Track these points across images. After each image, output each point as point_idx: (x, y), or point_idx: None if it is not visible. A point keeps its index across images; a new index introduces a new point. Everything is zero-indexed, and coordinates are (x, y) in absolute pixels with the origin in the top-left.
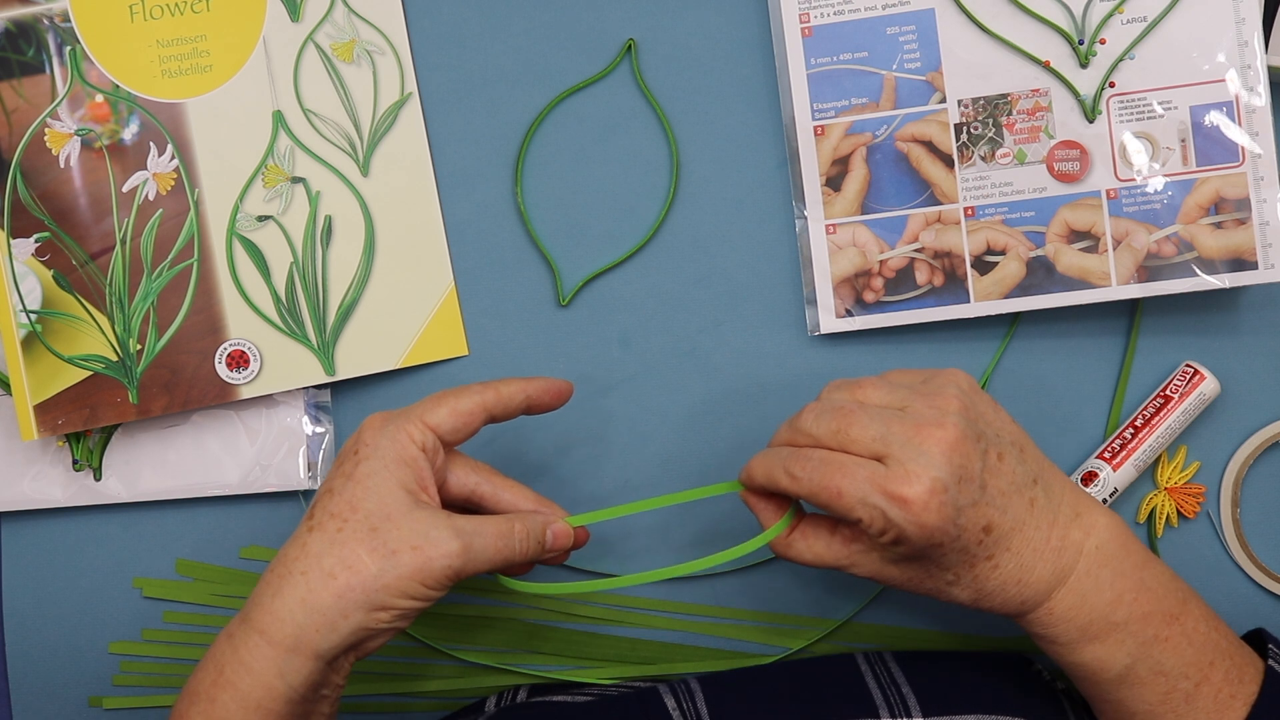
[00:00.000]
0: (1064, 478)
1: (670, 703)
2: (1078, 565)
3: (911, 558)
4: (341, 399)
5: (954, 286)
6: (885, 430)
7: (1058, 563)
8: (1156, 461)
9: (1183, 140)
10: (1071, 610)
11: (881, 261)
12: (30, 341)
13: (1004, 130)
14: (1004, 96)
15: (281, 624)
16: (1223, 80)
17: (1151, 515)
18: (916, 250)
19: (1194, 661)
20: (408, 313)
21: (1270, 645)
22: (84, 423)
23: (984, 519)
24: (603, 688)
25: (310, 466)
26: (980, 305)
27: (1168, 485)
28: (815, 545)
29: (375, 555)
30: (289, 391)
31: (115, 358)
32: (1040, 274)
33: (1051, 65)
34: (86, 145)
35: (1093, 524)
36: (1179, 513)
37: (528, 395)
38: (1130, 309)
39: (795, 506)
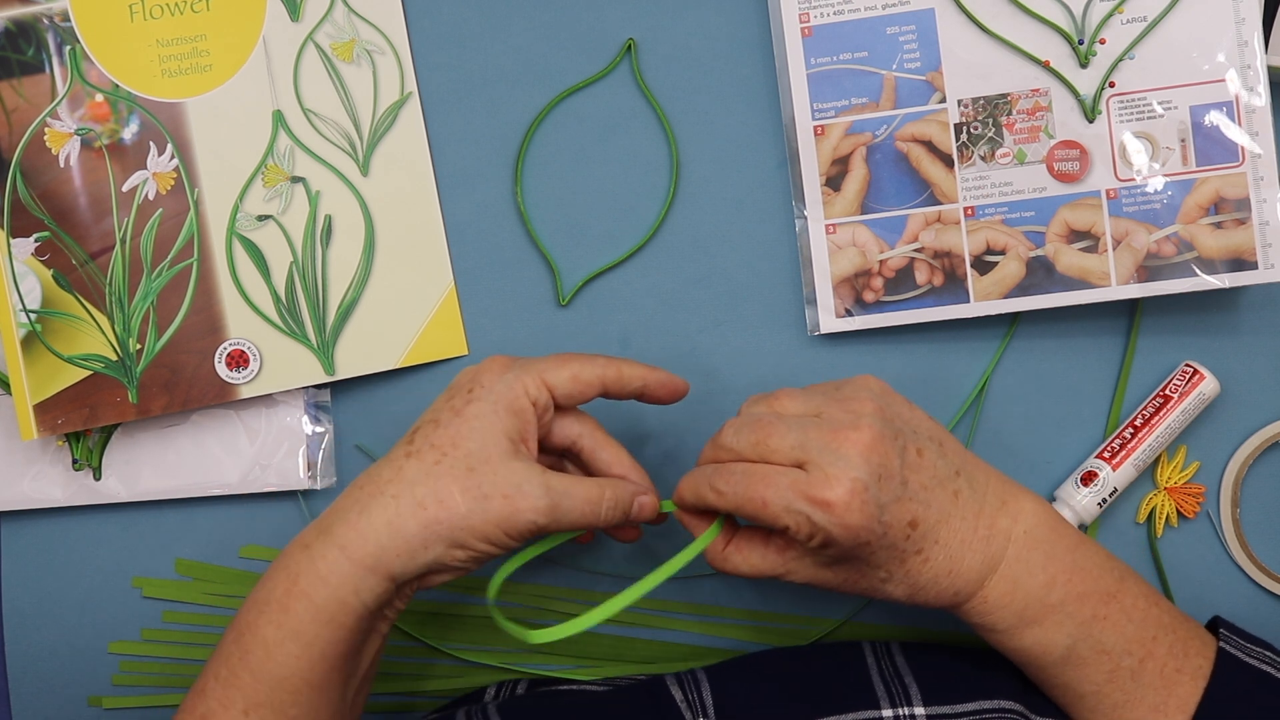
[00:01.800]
0: (987, 468)
1: (677, 694)
2: (1007, 551)
3: (842, 559)
4: (341, 399)
5: (954, 286)
6: (803, 437)
7: (987, 551)
8: (1156, 461)
9: (1183, 140)
10: (1005, 596)
11: (881, 261)
12: (30, 341)
13: (1004, 130)
14: (1004, 96)
15: (364, 542)
16: (1223, 80)
17: (1151, 515)
18: (916, 250)
19: (1136, 638)
20: (407, 312)
21: (1222, 629)
22: (84, 422)
23: (908, 514)
24: (606, 685)
25: (310, 466)
26: (980, 305)
27: (1167, 485)
28: (750, 557)
29: (467, 495)
30: (289, 391)
31: (115, 357)
32: (1040, 274)
33: (1051, 65)
34: (86, 145)
35: (1020, 510)
36: (1179, 513)
37: (645, 382)
38: (1130, 309)
39: (723, 517)
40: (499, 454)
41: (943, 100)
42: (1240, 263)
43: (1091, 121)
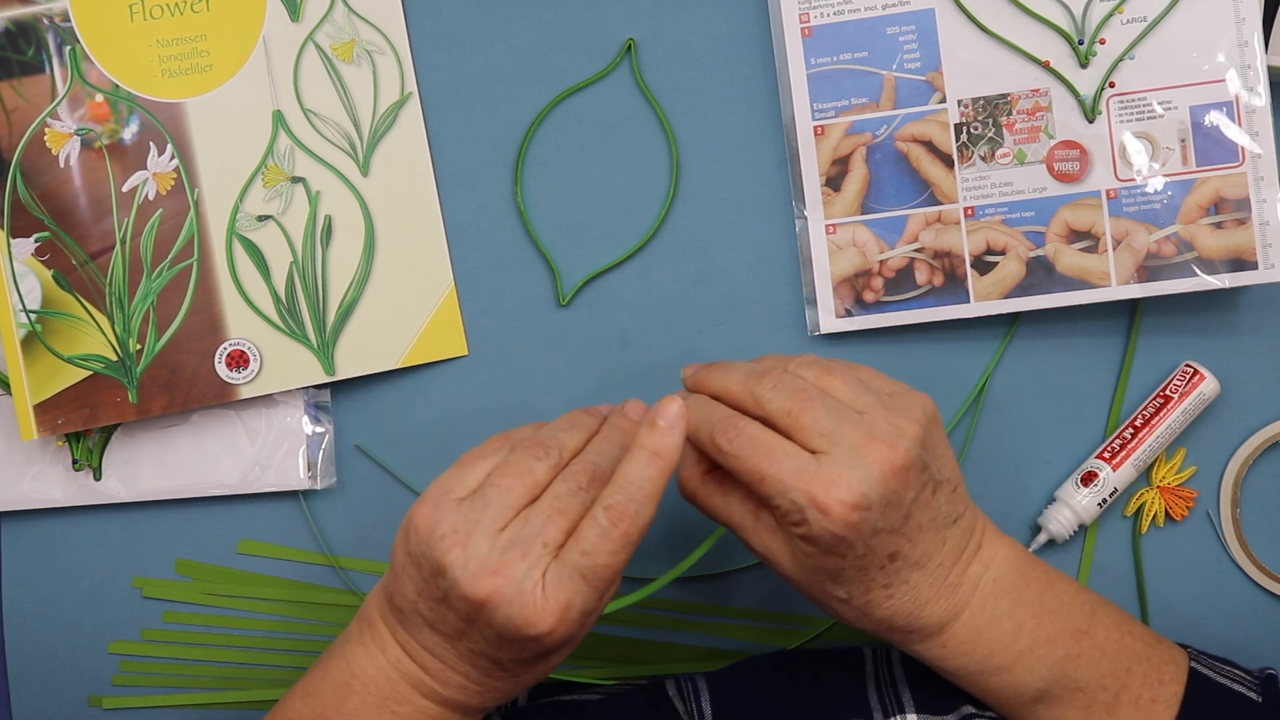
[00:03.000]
0: (982, 515)
1: (678, 704)
2: (972, 600)
3: (811, 559)
4: (341, 399)
5: (954, 286)
6: (836, 429)
7: (952, 599)
8: (1155, 461)
9: (1183, 140)
10: (967, 644)
11: (881, 261)
12: (30, 341)
13: (1004, 130)
14: (1004, 96)
15: (467, 704)
16: (1223, 80)
17: (1139, 511)
18: (916, 250)
19: (1109, 671)
20: (407, 313)
21: (1190, 651)
22: (84, 422)
23: (894, 546)
24: (607, 691)
25: (310, 466)
26: (980, 305)
27: (1160, 484)
28: (725, 500)
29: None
30: (289, 391)
31: (115, 357)
32: (1040, 274)
33: (1051, 65)
34: (86, 145)
35: (992, 557)
36: (1167, 514)
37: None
38: (1130, 309)
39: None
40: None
41: (943, 100)
42: (1240, 263)
43: (1091, 122)
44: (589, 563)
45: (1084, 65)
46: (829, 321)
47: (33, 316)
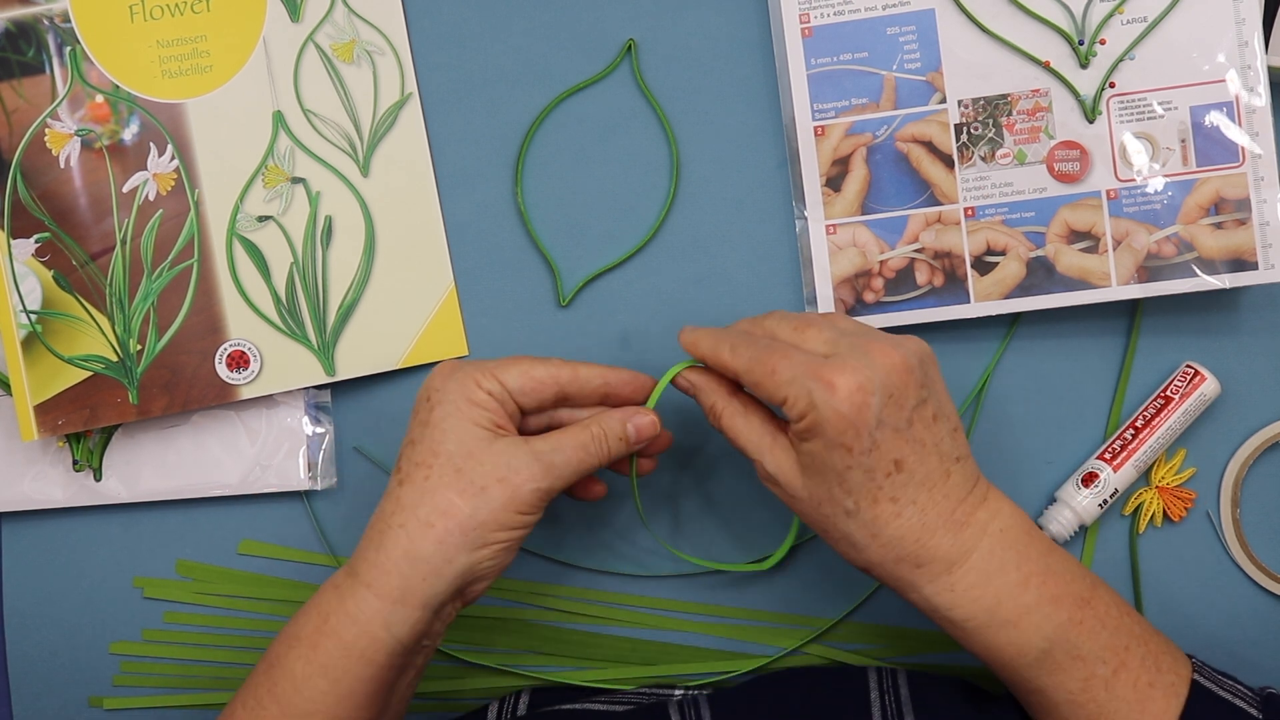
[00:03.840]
0: (979, 470)
1: None
2: (980, 544)
3: (819, 466)
4: (341, 399)
5: (954, 287)
6: (838, 337)
7: (959, 537)
8: (1155, 462)
9: (1183, 140)
10: (976, 589)
11: (881, 262)
12: (30, 342)
13: (1004, 130)
14: (1004, 97)
15: (387, 576)
16: (1223, 80)
17: (1138, 511)
18: (916, 250)
19: (1109, 645)
20: (408, 313)
21: (1194, 660)
22: (84, 423)
23: (899, 452)
24: (609, 701)
25: (310, 466)
26: (980, 305)
27: (1159, 484)
28: (744, 423)
29: (465, 495)
30: (289, 392)
31: (115, 358)
32: (1040, 274)
33: (1051, 65)
34: (86, 145)
35: (998, 509)
36: (1165, 515)
37: (606, 381)
38: (1130, 309)
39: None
40: (478, 445)
41: (943, 101)
42: (1240, 263)
43: (1092, 122)
44: (546, 447)
45: (1084, 65)
46: None
47: (33, 317)
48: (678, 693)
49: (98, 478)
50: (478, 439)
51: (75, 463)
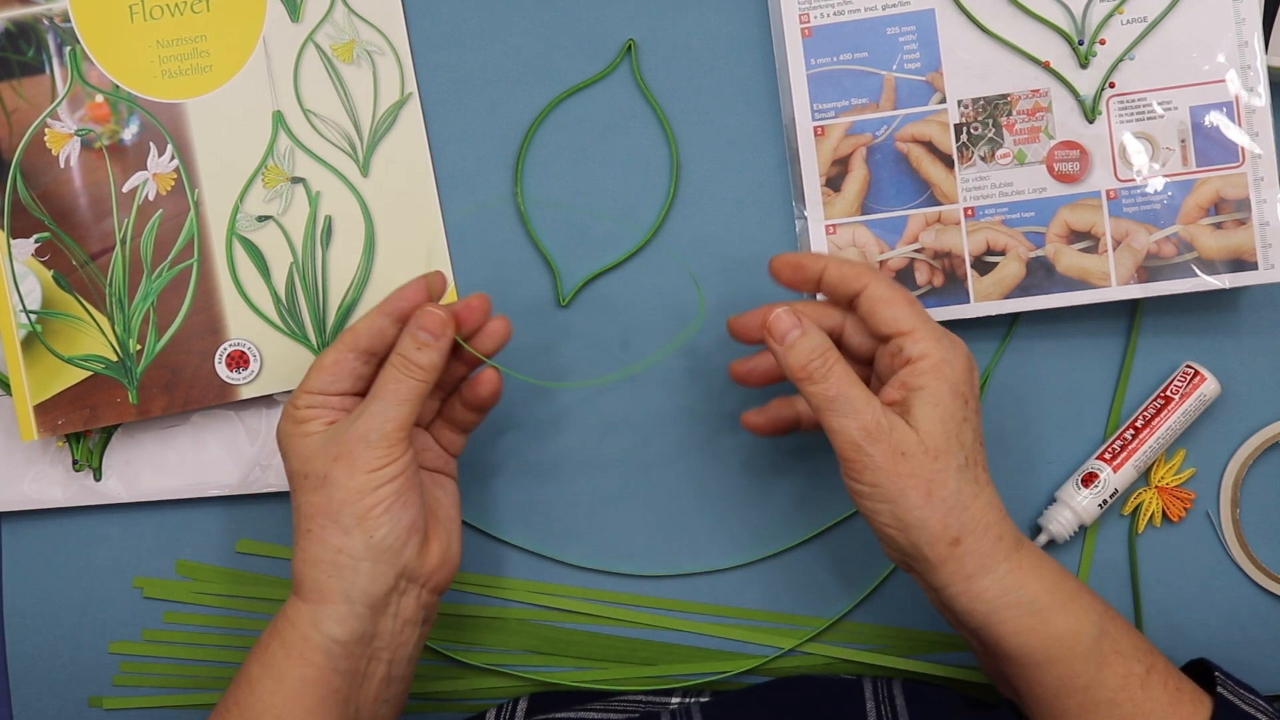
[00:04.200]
0: None
1: None
2: (1023, 539)
3: (939, 410)
4: None
5: (954, 287)
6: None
7: (1007, 525)
8: (1155, 462)
9: (1183, 140)
10: (1037, 569)
11: (881, 262)
12: (30, 342)
13: (1004, 130)
14: (1004, 97)
15: (301, 580)
16: (1223, 80)
17: (1137, 510)
18: (916, 251)
19: (1139, 645)
20: None
21: (1216, 673)
22: (84, 423)
23: (978, 422)
24: (606, 708)
25: None
26: (980, 305)
27: (1158, 484)
28: (848, 371)
29: (317, 491)
30: (289, 392)
31: (115, 358)
32: (1040, 274)
33: (1051, 65)
34: (86, 145)
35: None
36: (1164, 515)
37: (388, 314)
38: (1130, 309)
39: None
40: (308, 448)
41: (943, 101)
42: (1240, 263)
43: (1091, 122)
44: (360, 404)
45: (1084, 65)
46: None
47: (33, 317)
48: (674, 701)
49: (97, 478)
50: (308, 446)
51: (75, 463)
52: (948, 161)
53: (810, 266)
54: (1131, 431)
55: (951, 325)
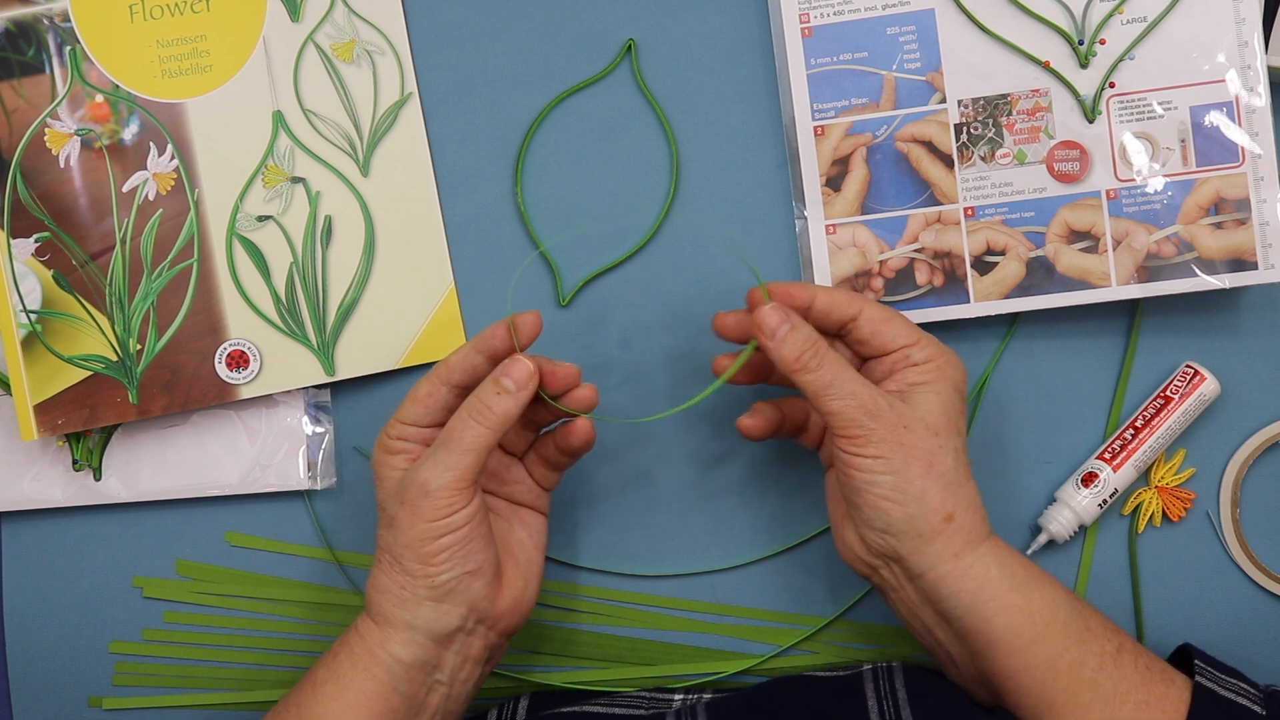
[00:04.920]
0: None
1: None
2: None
3: (940, 401)
4: (341, 399)
5: (954, 287)
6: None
7: (985, 510)
8: (1155, 462)
9: (1183, 140)
10: (1008, 550)
11: (881, 262)
12: (30, 341)
13: (1004, 130)
14: (1004, 97)
15: (371, 602)
16: (1223, 80)
17: (1137, 510)
18: (916, 250)
19: (1107, 624)
20: (408, 313)
21: (1196, 661)
22: (84, 423)
23: (965, 440)
24: (609, 704)
25: (310, 466)
26: (980, 305)
27: (1158, 484)
28: (840, 360)
29: (388, 529)
30: (289, 391)
31: (115, 358)
32: (1040, 274)
33: (1051, 65)
34: (86, 145)
35: None
36: (1165, 515)
37: (481, 351)
38: (1130, 309)
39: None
40: (393, 484)
41: (943, 100)
42: (1240, 263)
43: (1091, 122)
44: (433, 446)
45: (1084, 65)
46: None
47: (33, 317)
48: (676, 699)
49: (97, 477)
50: (389, 481)
51: (75, 462)
52: (948, 161)
53: (799, 295)
54: (1131, 431)
55: (951, 325)
